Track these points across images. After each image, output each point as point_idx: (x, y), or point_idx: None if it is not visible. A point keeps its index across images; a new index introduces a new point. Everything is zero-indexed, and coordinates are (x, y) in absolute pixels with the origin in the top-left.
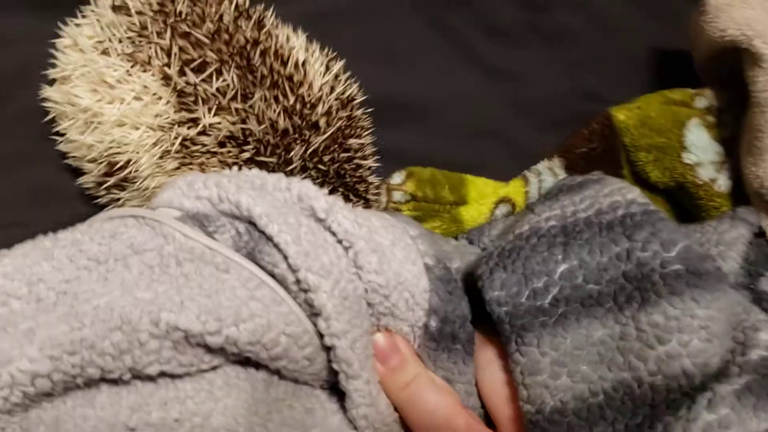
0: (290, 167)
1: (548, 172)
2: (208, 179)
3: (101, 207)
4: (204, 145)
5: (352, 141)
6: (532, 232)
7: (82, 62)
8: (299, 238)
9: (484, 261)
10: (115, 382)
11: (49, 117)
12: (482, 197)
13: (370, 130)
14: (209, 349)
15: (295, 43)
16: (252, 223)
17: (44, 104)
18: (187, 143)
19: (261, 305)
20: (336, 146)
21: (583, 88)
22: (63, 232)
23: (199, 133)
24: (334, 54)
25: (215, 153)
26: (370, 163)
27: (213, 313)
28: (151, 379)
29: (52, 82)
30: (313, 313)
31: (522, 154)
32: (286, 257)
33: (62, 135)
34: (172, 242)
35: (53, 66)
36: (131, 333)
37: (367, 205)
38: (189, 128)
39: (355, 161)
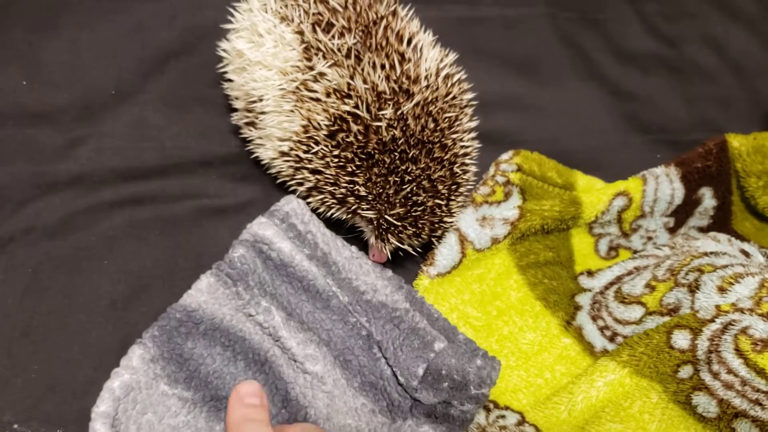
0: (377, 124)
1: (665, 178)
2: None
3: (245, 141)
4: (314, 92)
5: (445, 115)
6: None
7: (249, 19)
8: None
9: None
10: None
11: (221, 66)
12: (591, 188)
13: (469, 116)
14: None
15: (420, 35)
16: None
17: (220, 54)
18: (301, 87)
19: None
20: (425, 115)
21: (705, 121)
22: None
23: (314, 80)
24: (456, 54)
25: (320, 101)
26: (465, 142)
27: None
28: None
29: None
30: None
31: (630, 166)
32: None
33: (229, 81)
34: None
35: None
36: None
37: (455, 182)
38: (305, 74)
39: (445, 133)
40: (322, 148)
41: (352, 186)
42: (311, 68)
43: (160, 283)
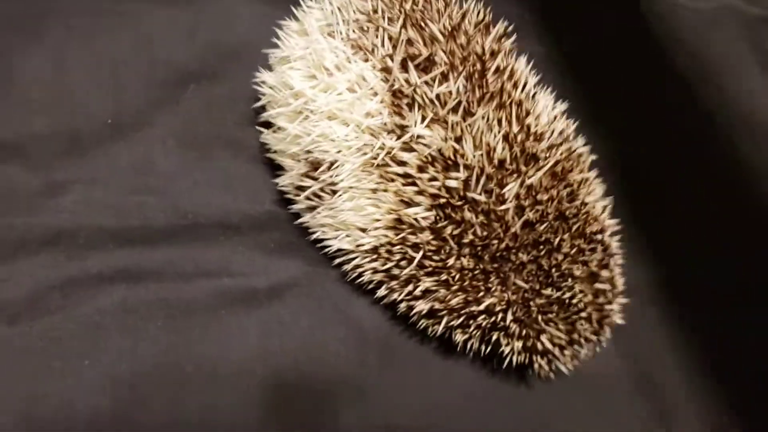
0: (502, 208)
1: None
2: None
3: (293, 213)
4: (403, 164)
5: (573, 175)
6: None
7: (305, 45)
8: None
9: None
10: None
11: (259, 104)
12: None
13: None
14: None
15: (528, 74)
16: None
17: (257, 88)
18: (388, 159)
19: None
20: (555, 182)
21: None
22: None
23: (404, 148)
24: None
25: (413, 178)
26: (598, 199)
27: None
28: None
29: (271, 68)
30: None
31: None
32: None
33: (268, 126)
34: None
35: (275, 47)
36: None
37: (606, 255)
38: (396, 138)
39: (580, 198)
40: (424, 255)
41: (480, 306)
42: (402, 128)
43: (159, 397)
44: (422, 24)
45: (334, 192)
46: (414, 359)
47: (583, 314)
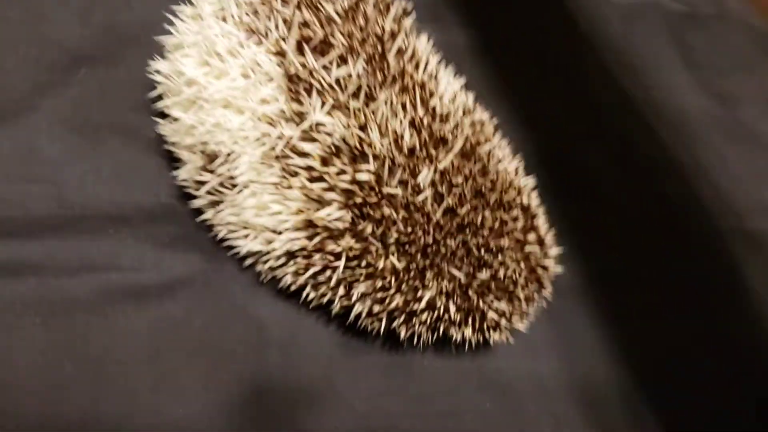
0: (421, 198)
1: None
2: None
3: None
4: (306, 155)
5: (481, 148)
6: None
7: (198, 30)
8: None
9: None
10: None
11: (155, 93)
12: None
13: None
14: None
15: (430, 54)
16: None
17: (152, 76)
18: (289, 150)
19: None
20: (466, 161)
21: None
22: None
23: (305, 137)
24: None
25: (318, 171)
26: (509, 163)
27: None
28: None
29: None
30: None
31: None
32: None
33: (166, 117)
34: None
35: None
36: None
37: (529, 216)
38: (296, 126)
39: (492, 169)
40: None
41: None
42: (301, 115)
43: (34, 400)
44: (318, 5)
45: (235, 187)
46: (320, 356)
47: (521, 281)
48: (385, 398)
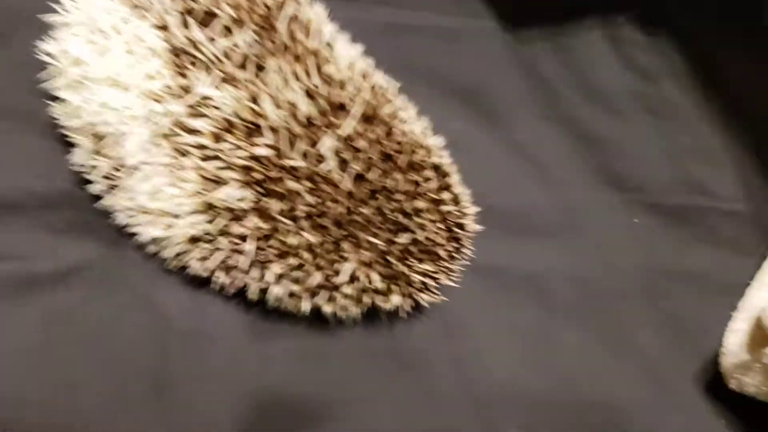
0: (324, 165)
1: None
2: None
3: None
4: (196, 133)
5: (384, 110)
6: None
7: (83, 7)
8: None
9: None
10: None
11: (46, 74)
12: None
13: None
14: None
15: (325, 23)
16: None
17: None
18: (178, 128)
19: None
20: (369, 124)
21: (687, 177)
22: None
23: (194, 113)
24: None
25: (211, 149)
26: (415, 124)
27: None
28: None
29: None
30: None
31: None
32: None
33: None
34: None
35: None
36: None
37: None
38: (178, 102)
39: (397, 131)
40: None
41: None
42: (188, 90)
43: None
44: None
45: (127, 169)
46: (228, 344)
47: (441, 240)
48: (296, 383)
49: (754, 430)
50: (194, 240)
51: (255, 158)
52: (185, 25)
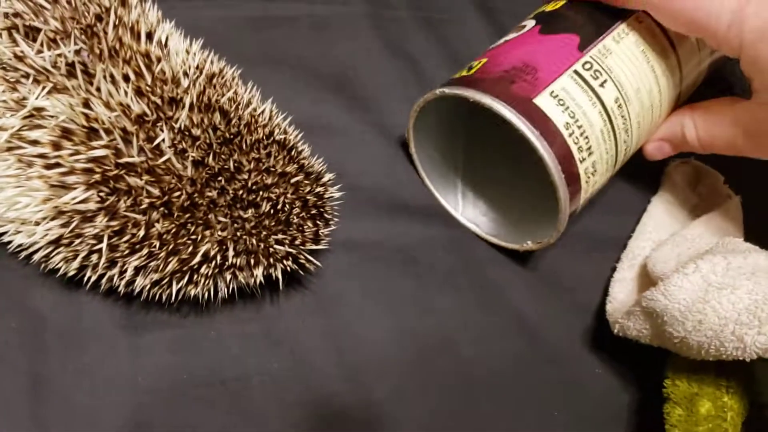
0: (163, 159)
1: None
2: None
3: None
4: (36, 144)
5: (223, 98)
6: None
7: None
8: None
9: None
10: None
11: None
12: None
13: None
14: None
15: (161, 26)
16: None
17: None
18: (18, 141)
19: None
20: (206, 113)
21: None
22: None
23: (31, 125)
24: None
25: (51, 158)
26: (257, 107)
27: None
28: None
29: None
30: None
31: None
32: None
33: None
34: None
35: None
36: None
37: (286, 150)
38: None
39: (236, 116)
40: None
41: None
42: (21, 102)
43: None
44: None
45: None
46: (103, 339)
47: (296, 209)
48: (171, 371)
49: (630, 376)
50: (54, 243)
51: (94, 160)
52: (12, 40)
